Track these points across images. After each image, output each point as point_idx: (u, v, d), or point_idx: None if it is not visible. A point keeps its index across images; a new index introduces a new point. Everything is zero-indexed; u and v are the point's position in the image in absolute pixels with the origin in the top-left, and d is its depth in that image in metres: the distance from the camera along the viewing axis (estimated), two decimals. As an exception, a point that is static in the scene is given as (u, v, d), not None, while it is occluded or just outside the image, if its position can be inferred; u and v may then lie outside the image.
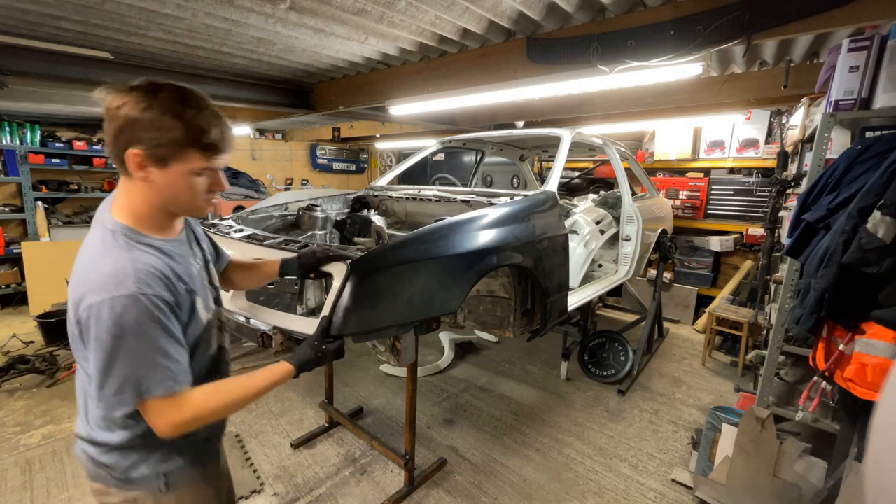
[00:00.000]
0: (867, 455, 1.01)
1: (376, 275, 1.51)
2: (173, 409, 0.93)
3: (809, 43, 2.81)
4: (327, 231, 2.84)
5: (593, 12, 2.37)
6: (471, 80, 2.96)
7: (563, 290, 2.49)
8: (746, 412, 2.19)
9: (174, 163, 0.92)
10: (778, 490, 2.06)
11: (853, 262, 1.53)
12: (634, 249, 3.48)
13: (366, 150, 9.27)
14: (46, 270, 4.80)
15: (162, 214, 1.00)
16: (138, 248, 0.95)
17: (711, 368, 4.02)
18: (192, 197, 0.98)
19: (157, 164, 0.91)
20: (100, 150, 5.69)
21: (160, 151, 0.90)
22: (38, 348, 3.94)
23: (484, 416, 3.13)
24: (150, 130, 0.88)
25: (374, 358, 3.99)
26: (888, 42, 1.86)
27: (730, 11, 1.98)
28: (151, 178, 0.92)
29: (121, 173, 0.95)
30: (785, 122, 4.45)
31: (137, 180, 0.93)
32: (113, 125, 0.89)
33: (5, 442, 2.74)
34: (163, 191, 0.95)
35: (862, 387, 1.58)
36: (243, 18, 2.39)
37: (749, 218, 5.03)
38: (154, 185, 0.93)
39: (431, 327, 1.80)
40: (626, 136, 5.74)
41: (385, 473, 2.52)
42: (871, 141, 1.78)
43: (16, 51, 2.71)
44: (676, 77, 2.68)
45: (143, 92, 0.88)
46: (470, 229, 1.89)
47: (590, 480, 2.50)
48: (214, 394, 1.00)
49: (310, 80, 3.92)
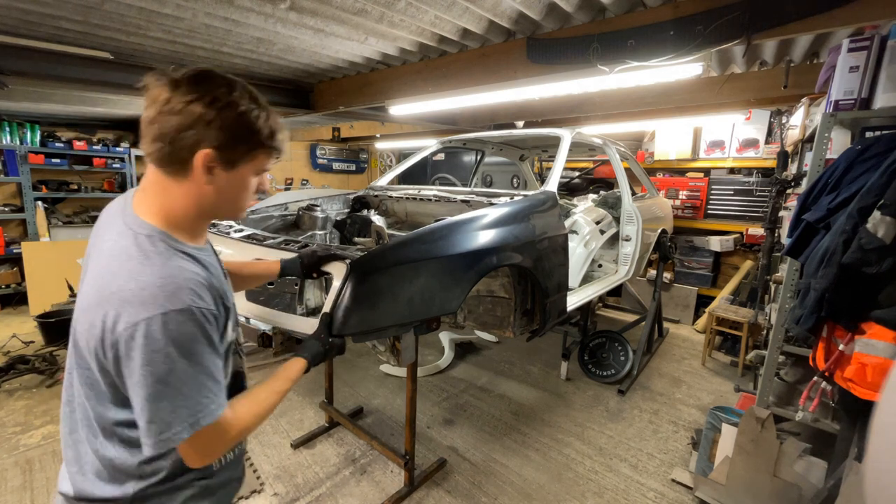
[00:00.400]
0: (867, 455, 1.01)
1: (376, 275, 1.51)
2: (217, 435, 0.83)
3: (809, 43, 2.81)
4: (327, 231, 2.84)
5: (593, 12, 2.37)
6: (471, 80, 2.96)
7: (562, 290, 2.49)
8: (746, 412, 2.19)
9: (242, 164, 0.86)
10: (778, 490, 2.06)
11: (853, 262, 1.53)
12: (634, 249, 3.48)
13: (366, 150, 9.27)
14: (46, 270, 4.80)
15: (203, 219, 0.90)
16: (179, 255, 0.83)
17: (711, 368, 4.02)
18: (245, 199, 0.92)
19: (225, 165, 0.84)
20: (100, 150, 5.69)
21: (234, 153, 0.84)
22: (38, 348, 3.94)
23: (484, 416, 3.13)
24: (227, 130, 0.81)
25: (374, 358, 3.99)
26: (888, 42, 1.86)
27: (730, 11, 1.98)
28: (214, 181, 0.84)
29: (166, 173, 0.83)
30: (785, 122, 4.45)
31: (189, 181, 0.83)
32: (175, 121, 0.78)
33: (5, 442, 2.74)
34: (221, 193, 0.86)
35: (862, 387, 1.58)
36: (243, 18, 2.39)
37: (749, 218, 5.02)
38: (212, 187, 0.85)
39: (431, 327, 1.80)
40: (626, 136, 5.74)
41: (385, 473, 2.52)
42: (871, 141, 1.79)
43: (16, 51, 2.71)
44: (676, 77, 2.68)
45: (214, 87, 0.80)
46: (470, 229, 1.89)
47: (590, 480, 2.50)
48: (252, 405, 0.91)
49: (310, 80, 3.92)
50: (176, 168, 0.82)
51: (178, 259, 0.82)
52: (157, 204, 0.85)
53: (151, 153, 0.82)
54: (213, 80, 0.81)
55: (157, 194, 0.86)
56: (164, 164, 0.82)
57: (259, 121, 0.85)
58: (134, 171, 5.97)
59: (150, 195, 0.86)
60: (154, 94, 0.79)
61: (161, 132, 0.79)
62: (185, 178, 0.83)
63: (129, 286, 0.76)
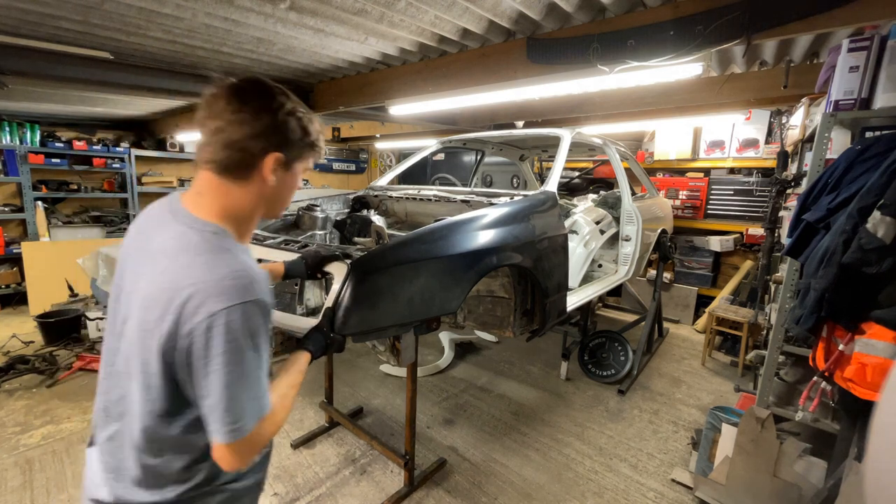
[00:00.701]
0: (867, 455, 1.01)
1: (376, 275, 1.51)
2: (261, 431, 0.84)
3: (809, 43, 2.81)
4: (327, 231, 2.84)
5: (593, 12, 2.37)
6: (471, 80, 2.96)
7: (562, 291, 2.49)
8: (746, 412, 2.19)
9: (296, 164, 0.94)
10: (778, 490, 2.06)
11: (853, 262, 1.53)
12: (634, 249, 3.48)
13: (366, 150, 9.27)
14: (46, 270, 4.80)
15: (256, 218, 0.96)
16: (242, 251, 0.89)
17: (711, 368, 4.02)
18: (291, 196, 1.00)
19: (285, 166, 0.91)
20: (100, 150, 5.69)
21: (292, 155, 0.91)
22: (38, 348, 3.94)
23: (484, 416, 3.13)
24: (290, 135, 0.88)
25: (374, 358, 3.99)
26: (888, 42, 1.86)
27: (730, 11, 1.97)
28: (275, 181, 0.90)
29: (229, 177, 0.87)
30: (785, 122, 4.45)
31: (251, 183, 0.88)
32: (247, 129, 0.84)
33: (5, 442, 2.74)
34: (277, 192, 0.93)
35: (862, 387, 1.58)
36: (243, 18, 2.39)
37: (749, 218, 5.02)
38: (272, 188, 0.91)
39: (431, 327, 1.80)
40: (626, 136, 5.73)
41: (385, 473, 2.52)
42: (871, 141, 1.79)
43: (16, 51, 2.71)
44: (676, 77, 2.68)
45: (274, 96, 0.88)
46: (470, 229, 1.89)
47: (590, 480, 2.50)
48: (280, 399, 0.93)
49: (310, 80, 3.92)
50: (241, 172, 0.87)
51: (243, 255, 0.87)
52: (219, 205, 0.89)
53: (219, 160, 0.86)
54: (271, 90, 0.88)
55: (218, 197, 0.89)
56: (231, 168, 0.86)
57: (310, 125, 0.93)
58: (134, 171, 5.98)
59: (208, 198, 0.89)
60: (220, 105, 0.84)
61: (231, 140, 0.84)
62: (248, 181, 0.88)
63: (205, 277, 0.79)
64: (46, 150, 5.32)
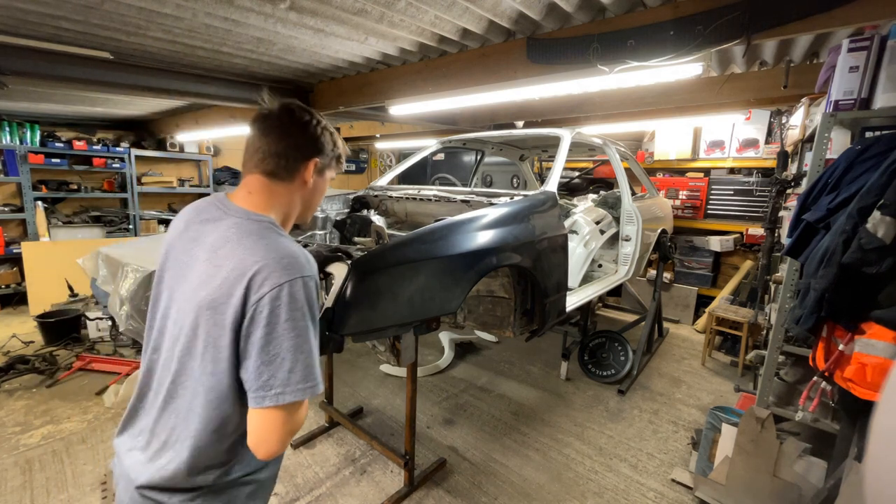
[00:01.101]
0: (867, 455, 1.01)
1: (376, 275, 1.51)
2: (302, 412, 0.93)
3: (809, 43, 2.81)
4: (327, 231, 2.84)
5: (593, 12, 2.37)
6: (471, 80, 2.96)
7: (561, 291, 2.49)
8: (746, 412, 2.19)
9: (327, 172, 1.11)
10: (778, 490, 2.06)
11: (853, 262, 1.53)
12: (634, 249, 3.48)
13: (366, 150, 9.27)
14: (46, 270, 4.81)
15: (294, 217, 1.11)
16: (291, 239, 1.00)
17: (711, 368, 4.02)
18: (320, 200, 1.16)
19: (320, 172, 1.08)
20: (100, 150, 5.69)
21: (327, 163, 1.09)
22: (38, 348, 3.94)
23: (484, 416, 3.13)
24: (326, 145, 1.07)
25: (374, 358, 3.99)
26: (888, 42, 1.86)
27: (730, 11, 1.98)
28: (312, 184, 1.07)
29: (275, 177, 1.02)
30: (785, 122, 4.45)
31: (293, 185, 1.04)
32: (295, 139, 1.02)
33: (5, 442, 2.74)
34: (312, 194, 1.10)
35: (862, 387, 1.58)
36: (243, 18, 2.39)
37: (749, 218, 5.02)
38: (308, 190, 1.08)
39: (431, 327, 1.80)
40: (626, 136, 5.73)
41: (385, 473, 2.52)
42: (870, 141, 1.79)
43: (16, 51, 2.71)
44: (676, 77, 2.68)
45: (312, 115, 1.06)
46: (469, 229, 1.89)
47: (590, 480, 2.50)
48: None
49: (310, 80, 3.92)
50: (287, 174, 1.03)
51: (293, 241, 0.99)
52: (268, 202, 1.03)
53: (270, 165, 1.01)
54: (310, 111, 1.07)
55: (267, 195, 1.03)
56: (279, 172, 1.02)
57: (338, 139, 1.12)
58: (134, 171, 5.98)
59: (258, 196, 1.03)
60: (271, 123, 1.02)
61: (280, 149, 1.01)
62: (291, 182, 1.04)
63: (271, 255, 0.90)
64: (46, 150, 5.32)
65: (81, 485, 2.39)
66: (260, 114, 1.03)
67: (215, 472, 0.94)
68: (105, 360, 3.69)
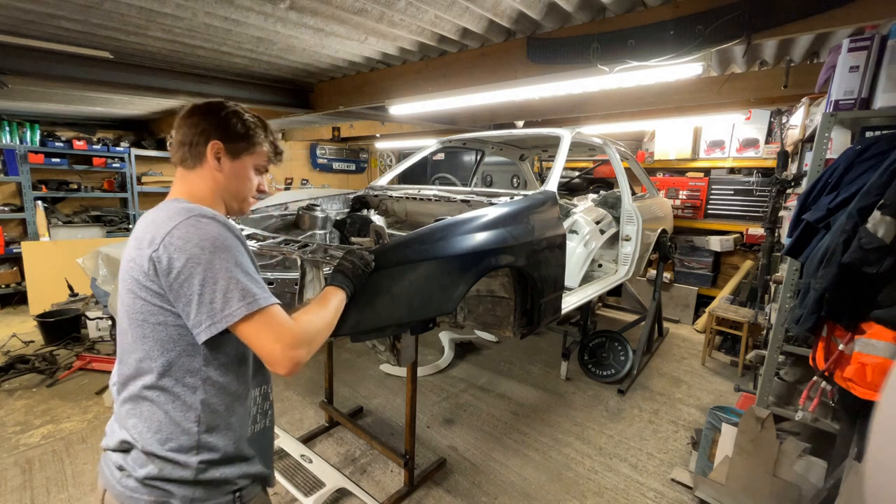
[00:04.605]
0: (867, 455, 1.01)
1: (375, 274, 1.51)
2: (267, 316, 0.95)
3: (809, 43, 2.81)
4: (327, 231, 2.84)
5: (593, 12, 2.37)
6: (471, 79, 2.96)
7: (558, 291, 2.49)
8: (746, 412, 2.19)
9: (244, 157, 1.10)
10: (778, 490, 2.06)
11: (853, 261, 1.53)
12: (634, 249, 3.48)
13: (366, 150, 9.27)
14: (46, 270, 4.81)
15: (218, 205, 1.10)
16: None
17: (711, 368, 4.02)
18: (246, 188, 1.13)
19: (231, 155, 1.08)
20: (100, 150, 5.70)
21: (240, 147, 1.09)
22: (38, 348, 3.94)
23: (484, 416, 3.13)
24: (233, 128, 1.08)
25: (374, 358, 3.99)
26: (888, 42, 1.86)
27: (730, 11, 1.97)
28: (222, 167, 1.08)
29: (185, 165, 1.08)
30: (785, 122, 4.45)
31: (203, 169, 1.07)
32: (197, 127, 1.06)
33: (5, 442, 2.74)
34: (229, 180, 1.09)
35: (862, 387, 1.58)
36: (243, 18, 2.39)
37: (749, 218, 5.02)
38: (222, 174, 1.08)
39: (428, 327, 1.79)
40: (626, 136, 5.73)
41: (385, 473, 2.52)
42: (871, 141, 1.78)
43: (16, 50, 2.71)
44: (676, 77, 2.67)
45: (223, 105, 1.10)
46: (469, 229, 1.89)
47: (590, 480, 2.50)
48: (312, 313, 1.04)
49: (310, 79, 3.92)
50: (194, 161, 1.07)
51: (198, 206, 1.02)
52: (183, 190, 1.08)
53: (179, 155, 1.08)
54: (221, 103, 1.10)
55: (183, 185, 1.08)
56: (187, 159, 1.07)
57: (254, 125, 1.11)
58: (134, 171, 5.98)
59: (177, 185, 1.09)
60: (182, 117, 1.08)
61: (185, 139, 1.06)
62: (201, 168, 1.07)
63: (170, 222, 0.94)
64: (46, 149, 5.32)
65: (81, 484, 2.39)
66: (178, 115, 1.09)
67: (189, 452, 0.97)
68: (105, 360, 3.69)
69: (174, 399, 0.95)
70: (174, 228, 0.91)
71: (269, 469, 1.14)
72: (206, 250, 0.90)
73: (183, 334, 0.94)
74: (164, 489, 0.93)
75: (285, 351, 0.90)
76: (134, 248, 0.98)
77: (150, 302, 0.94)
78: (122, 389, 1.00)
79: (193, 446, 0.95)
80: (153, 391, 0.95)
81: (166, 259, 0.90)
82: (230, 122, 1.07)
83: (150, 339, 0.95)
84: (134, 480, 0.94)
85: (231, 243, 0.94)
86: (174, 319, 0.94)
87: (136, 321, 0.96)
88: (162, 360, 0.94)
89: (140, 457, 0.95)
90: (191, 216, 0.94)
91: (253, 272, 0.96)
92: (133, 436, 0.95)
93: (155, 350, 0.94)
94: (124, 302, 0.98)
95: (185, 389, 0.95)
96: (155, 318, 0.94)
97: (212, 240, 0.92)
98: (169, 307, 0.93)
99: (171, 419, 0.95)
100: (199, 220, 0.94)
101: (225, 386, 1.00)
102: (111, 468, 0.99)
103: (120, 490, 0.95)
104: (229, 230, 0.96)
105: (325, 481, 2.32)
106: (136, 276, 0.94)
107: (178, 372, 0.95)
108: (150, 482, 0.93)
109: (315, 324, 1.00)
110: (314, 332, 0.99)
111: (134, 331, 0.96)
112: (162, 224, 0.94)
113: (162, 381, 0.95)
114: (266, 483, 1.13)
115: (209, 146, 1.05)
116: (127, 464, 0.96)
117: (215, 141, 1.06)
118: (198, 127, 1.06)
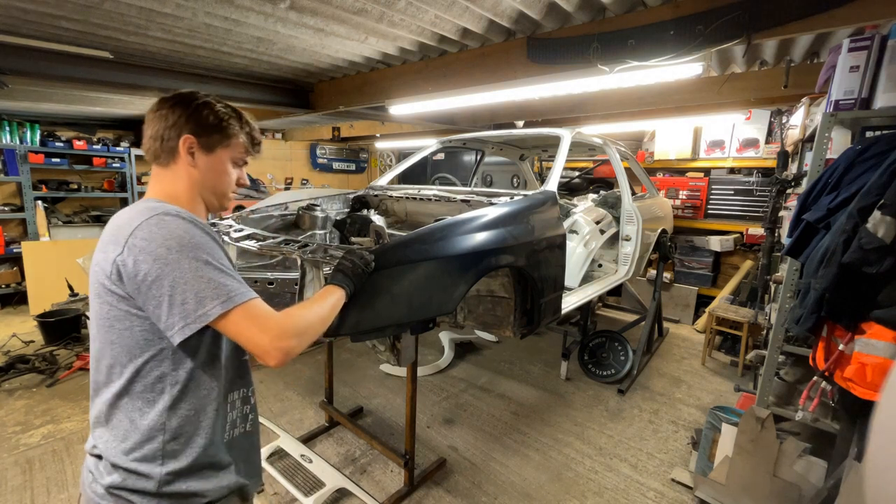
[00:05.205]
0: (867, 455, 1.01)
1: (375, 274, 1.51)
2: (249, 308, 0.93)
3: (810, 43, 2.81)
4: (327, 231, 2.84)
5: (593, 12, 2.37)
6: (471, 79, 2.96)
7: (558, 291, 2.49)
8: (746, 412, 2.19)
9: (219, 151, 1.05)
10: (778, 490, 2.06)
11: (853, 261, 1.53)
12: (634, 249, 3.48)
13: (366, 150, 9.26)
14: (46, 270, 4.81)
15: (196, 203, 1.06)
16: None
17: (711, 368, 4.02)
18: (225, 184, 1.09)
19: (205, 149, 1.04)
20: (100, 150, 5.69)
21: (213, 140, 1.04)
22: (38, 348, 3.94)
23: (484, 416, 3.13)
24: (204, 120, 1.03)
25: (374, 358, 3.99)
26: (888, 42, 1.86)
27: (730, 11, 1.98)
28: (197, 163, 1.03)
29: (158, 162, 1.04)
30: (785, 122, 4.45)
31: (177, 165, 1.03)
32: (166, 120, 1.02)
33: (5, 442, 2.74)
34: (206, 175, 1.05)
35: (862, 387, 1.58)
36: (243, 18, 2.39)
37: (749, 218, 5.02)
38: (198, 170, 1.04)
39: (428, 327, 1.79)
40: (626, 136, 5.73)
41: (385, 473, 2.52)
42: (871, 141, 1.78)
43: (16, 50, 2.71)
44: (676, 77, 2.67)
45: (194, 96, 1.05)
46: (469, 229, 1.89)
47: (590, 480, 2.50)
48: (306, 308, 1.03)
49: (310, 79, 3.92)
50: (167, 157, 1.03)
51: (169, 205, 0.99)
52: (158, 189, 1.04)
53: (151, 152, 1.04)
54: (192, 94, 1.05)
55: (157, 182, 1.05)
56: (159, 155, 1.03)
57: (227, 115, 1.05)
58: (134, 171, 5.98)
59: (152, 185, 1.06)
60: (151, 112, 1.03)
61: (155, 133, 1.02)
62: (174, 164, 1.03)
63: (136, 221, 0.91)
64: (46, 149, 5.32)
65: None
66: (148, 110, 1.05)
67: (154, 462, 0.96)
68: (105, 360, 3.69)
69: (142, 406, 0.93)
70: (136, 229, 0.88)
71: (254, 475, 1.12)
72: (172, 250, 0.87)
73: (150, 339, 0.92)
74: (127, 499, 0.92)
75: (273, 342, 0.89)
76: (100, 251, 0.95)
77: (115, 307, 0.92)
78: (95, 396, 0.98)
79: (158, 455, 0.93)
80: (121, 398, 0.93)
81: (132, 262, 0.87)
82: (201, 115, 1.02)
83: (117, 345, 0.93)
84: (101, 487, 0.93)
85: (199, 240, 0.91)
86: (141, 324, 0.91)
87: (103, 326, 0.94)
88: (130, 367, 0.92)
89: (107, 465, 0.93)
90: (153, 215, 0.90)
91: (227, 267, 0.93)
92: (99, 445, 0.94)
93: (123, 356, 0.92)
94: (93, 307, 0.97)
95: (153, 395, 0.93)
96: (121, 324, 0.92)
97: (178, 238, 0.88)
98: (136, 311, 0.91)
99: (137, 427, 0.92)
100: (163, 219, 0.90)
101: (194, 390, 0.96)
102: (85, 472, 0.98)
103: (90, 495, 0.95)
104: (196, 226, 0.93)
105: (325, 481, 2.32)
106: (102, 280, 0.92)
107: (146, 377, 0.93)
108: (115, 492, 0.92)
109: (307, 317, 0.98)
110: (305, 325, 0.97)
111: (102, 336, 0.94)
112: (124, 225, 0.91)
113: (130, 387, 0.93)
114: (244, 495, 1.09)
115: (181, 141, 1.01)
116: (98, 470, 0.95)
117: (187, 135, 1.01)
118: (167, 120, 1.01)
